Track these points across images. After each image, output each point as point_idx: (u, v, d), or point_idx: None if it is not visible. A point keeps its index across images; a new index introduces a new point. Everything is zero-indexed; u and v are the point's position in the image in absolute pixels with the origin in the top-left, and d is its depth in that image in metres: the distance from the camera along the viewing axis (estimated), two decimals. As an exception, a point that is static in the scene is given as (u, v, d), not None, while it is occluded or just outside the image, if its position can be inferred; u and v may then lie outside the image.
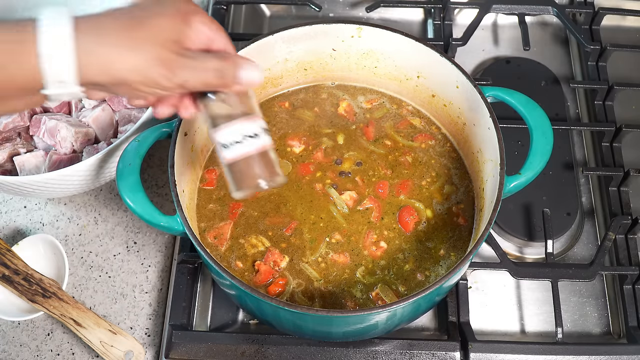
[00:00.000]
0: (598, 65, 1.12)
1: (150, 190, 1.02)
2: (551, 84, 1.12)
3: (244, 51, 0.88)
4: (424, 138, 0.94)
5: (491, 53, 1.18)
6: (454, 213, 0.88)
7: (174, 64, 0.59)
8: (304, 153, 0.93)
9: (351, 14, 1.24)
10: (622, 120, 1.07)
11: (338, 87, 0.99)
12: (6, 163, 0.95)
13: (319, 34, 0.92)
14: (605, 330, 0.93)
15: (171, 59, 0.59)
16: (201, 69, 0.61)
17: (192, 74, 0.61)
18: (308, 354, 0.85)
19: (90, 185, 0.92)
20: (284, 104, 0.98)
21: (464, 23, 1.16)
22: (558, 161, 1.03)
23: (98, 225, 0.99)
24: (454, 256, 0.85)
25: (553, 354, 0.85)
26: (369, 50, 0.94)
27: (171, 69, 0.59)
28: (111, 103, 0.97)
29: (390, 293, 0.82)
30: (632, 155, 1.05)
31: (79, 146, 0.94)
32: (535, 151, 0.82)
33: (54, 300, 0.88)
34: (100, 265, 0.96)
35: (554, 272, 0.90)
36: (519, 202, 1.00)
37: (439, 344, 0.85)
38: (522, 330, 0.93)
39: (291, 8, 1.24)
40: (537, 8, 1.14)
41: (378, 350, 0.85)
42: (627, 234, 0.96)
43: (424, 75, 0.93)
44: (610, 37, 1.16)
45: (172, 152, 0.80)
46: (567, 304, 0.94)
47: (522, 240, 0.98)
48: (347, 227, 0.87)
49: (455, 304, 0.90)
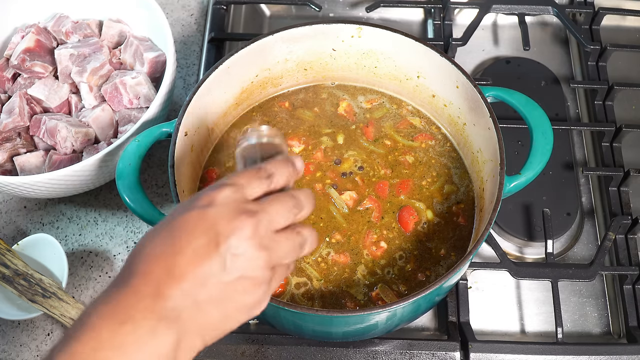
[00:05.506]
0: (598, 65, 1.12)
1: (150, 190, 1.02)
2: (551, 84, 1.12)
3: (243, 51, 0.88)
4: (424, 138, 0.94)
5: (491, 53, 1.18)
6: (454, 213, 0.88)
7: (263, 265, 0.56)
8: (304, 153, 0.93)
9: (351, 14, 1.24)
10: (622, 120, 1.07)
11: (338, 87, 0.99)
12: (6, 163, 0.95)
13: (318, 34, 0.92)
14: (605, 330, 0.93)
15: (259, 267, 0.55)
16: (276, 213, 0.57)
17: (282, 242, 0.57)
18: (308, 354, 0.85)
19: (90, 185, 0.92)
20: (284, 104, 0.98)
21: (464, 23, 1.16)
22: (558, 161, 1.03)
23: (98, 225, 0.99)
24: (454, 256, 0.85)
25: (553, 354, 0.85)
26: (369, 50, 0.94)
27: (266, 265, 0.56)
28: (111, 103, 0.97)
29: (390, 293, 0.82)
30: (632, 155, 1.05)
31: (79, 146, 0.94)
32: (535, 151, 0.82)
33: (54, 300, 0.88)
34: (100, 265, 0.96)
35: (554, 272, 0.91)
36: (519, 202, 1.00)
37: (439, 344, 0.85)
38: (522, 330, 0.93)
39: (291, 8, 1.24)
40: (537, 8, 1.14)
41: (378, 350, 0.85)
42: (627, 234, 0.96)
43: (424, 75, 0.93)
44: (610, 37, 1.16)
45: (172, 152, 0.80)
46: (567, 304, 0.94)
47: (522, 240, 0.98)
48: (347, 227, 0.87)
49: (455, 304, 0.90)
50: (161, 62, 1.00)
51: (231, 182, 0.57)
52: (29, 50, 0.99)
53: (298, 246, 0.58)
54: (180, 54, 1.16)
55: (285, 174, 0.60)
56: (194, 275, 0.53)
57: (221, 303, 0.54)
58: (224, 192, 0.56)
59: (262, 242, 0.55)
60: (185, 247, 0.53)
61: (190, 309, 0.53)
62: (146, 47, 1.00)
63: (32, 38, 1.00)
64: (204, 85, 0.86)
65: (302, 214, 0.59)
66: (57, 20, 1.03)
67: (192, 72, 1.14)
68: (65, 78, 0.99)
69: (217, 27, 1.15)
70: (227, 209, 0.54)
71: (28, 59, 0.99)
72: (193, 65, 1.15)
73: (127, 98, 0.96)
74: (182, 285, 0.52)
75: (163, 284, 0.52)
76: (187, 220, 0.54)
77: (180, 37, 1.18)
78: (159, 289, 0.52)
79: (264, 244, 0.55)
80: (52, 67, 1.01)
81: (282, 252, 0.57)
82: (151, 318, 0.51)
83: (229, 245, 0.53)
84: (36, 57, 0.99)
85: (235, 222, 0.54)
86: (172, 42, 0.96)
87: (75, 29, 1.02)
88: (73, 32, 1.02)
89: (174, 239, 0.54)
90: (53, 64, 1.01)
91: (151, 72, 1.00)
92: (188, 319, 0.53)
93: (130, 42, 1.01)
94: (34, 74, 1.00)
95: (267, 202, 0.57)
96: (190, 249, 0.53)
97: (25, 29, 1.03)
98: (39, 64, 0.99)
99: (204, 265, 0.53)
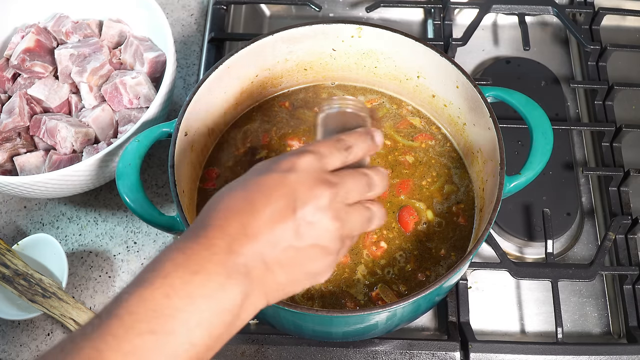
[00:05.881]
0: (598, 65, 1.12)
1: (150, 190, 1.02)
2: (551, 84, 1.12)
3: (243, 51, 0.88)
4: (424, 138, 0.94)
5: (491, 53, 1.18)
6: (454, 213, 0.88)
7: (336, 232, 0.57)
8: (304, 153, 0.93)
9: (351, 14, 1.24)
10: (622, 120, 1.07)
11: (338, 87, 0.99)
12: (6, 163, 0.95)
13: (318, 34, 0.92)
14: (605, 330, 0.93)
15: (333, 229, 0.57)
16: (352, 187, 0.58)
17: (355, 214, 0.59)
18: (308, 354, 0.85)
19: (90, 185, 0.92)
20: (284, 104, 0.98)
21: (464, 23, 1.16)
22: (558, 161, 1.03)
23: (98, 225, 0.99)
24: (454, 256, 0.85)
25: (553, 354, 0.85)
26: (369, 50, 0.94)
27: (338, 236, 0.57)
28: (111, 103, 0.97)
29: (390, 293, 0.82)
30: (632, 155, 1.05)
31: (79, 146, 0.94)
32: (535, 151, 0.82)
33: (54, 300, 0.88)
34: (100, 265, 0.96)
35: (554, 272, 0.91)
36: (519, 202, 1.00)
37: (439, 344, 0.85)
38: (522, 330, 0.93)
39: (291, 8, 1.24)
40: (537, 8, 1.14)
41: (378, 350, 0.85)
42: (627, 234, 0.96)
43: (424, 75, 0.93)
44: (610, 37, 1.16)
45: (172, 152, 0.80)
46: (567, 304, 0.94)
47: (522, 240, 0.98)
48: (347, 227, 0.86)
49: (455, 304, 0.90)
50: (161, 62, 1.00)
51: (313, 150, 0.58)
52: (29, 50, 0.99)
53: (367, 220, 0.60)
54: (180, 54, 1.16)
55: (364, 148, 0.61)
56: (268, 237, 0.54)
57: (290, 267, 0.55)
58: (306, 158, 0.57)
59: (337, 213, 0.56)
60: (263, 208, 0.54)
61: (260, 269, 0.54)
62: (146, 47, 1.00)
63: (32, 38, 1.00)
64: (204, 85, 0.86)
65: (374, 193, 0.60)
66: (57, 20, 1.03)
67: (192, 72, 1.14)
68: (65, 78, 0.99)
69: (217, 27, 1.15)
70: (307, 176, 0.56)
71: (28, 59, 0.99)
72: (193, 65, 1.15)
73: (127, 98, 0.96)
74: (255, 244, 0.53)
75: (237, 240, 0.53)
76: (267, 182, 0.55)
77: (180, 37, 1.18)
78: (233, 245, 0.53)
79: (339, 215, 0.56)
80: (52, 67, 1.01)
81: (353, 224, 0.58)
82: (222, 273, 0.52)
83: (305, 212, 0.54)
84: (36, 57, 0.99)
85: (315, 191, 0.55)
86: (172, 42, 0.96)
87: (75, 29, 1.02)
88: (73, 32, 1.02)
89: (252, 198, 0.55)
90: (53, 64, 1.01)
91: (151, 72, 1.00)
92: (256, 278, 0.54)
93: (130, 42, 1.01)
94: (34, 74, 1.00)
95: (344, 175, 0.58)
96: (267, 210, 0.54)
97: (25, 29, 1.03)
98: (39, 64, 1.00)
99: (278, 228, 0.54)
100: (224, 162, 0.92)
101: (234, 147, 0.94)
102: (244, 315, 0.55)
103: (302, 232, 0.55)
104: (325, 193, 0.55)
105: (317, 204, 0.55)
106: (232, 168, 0.92)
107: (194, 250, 0.53)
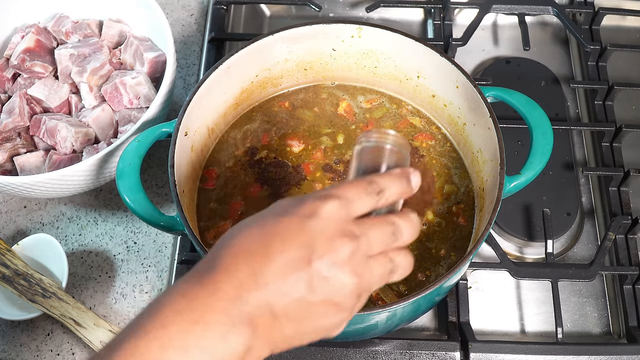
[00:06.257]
0: (598, 65, 1.12)
1: (150, 190, 1.02)
2: (551, 84, 1.12)
3: (243, 51, 0.88)
4: (424, 138, 0.94)
5: (491, 53, 1.18)
6: (454, 213, 0.88)
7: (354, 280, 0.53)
8: (304, 153, 0.93)
9: (351, 14, 1.24)
10: (622, 120, 1.07)
11: (338, 87, 0.99)
12: (6, 163, 0.95)
13: (319, 34, 0.92)
14: (605, 330, 0.93)
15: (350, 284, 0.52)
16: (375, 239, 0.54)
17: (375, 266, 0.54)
18: (308, 354, 0.85)
19: (90, 185, 0.92)
20: (284, 104, 0.98)
21: (464, 23, 1.16)
22: (558, 161, 1.03)
23: (98, 225, 0.99)
24: (454, 256, 0.85)
25: (553, 354, 0.85)
26: (369, 50, 0.94)
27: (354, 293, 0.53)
28: (111, 103, 0.97)
29: (390, 293, 0.81)
30: (632, 155, 1.05)
31: (79, 146, 0.94)
32: (535, 151, 0.82)
33: (54, 300, 0.88)
34: (100, 265, 0.96)
35: (554, 272, 0.91)
36: (519, 202, 1.00)
37: (439, 344, 0.85)
38: (522, 330, 0.93)
39: (291, 8, 1.24)
40: (537, 8, 1.14)
41: (378, 350, 0.85)
42: (627, 234, 0.96)
43: (424, 75, 0.93)
44: (610, 37, 1.16)
45: (172, 152, 0.80)
46: (567, 304, 0.94)
47: (522, 240, 0.98)
48: (347, 227, 0.86)
49: (455, 304, 0.90)
50: (161, 62, 1.00)
51: (339, 195, 0.54)
52: (29, 50, 0.99)
53: (388, 273, 0.56)
54: (180, 54, 1.16)
55: (397, 192, 0.57)
56: (279, 287, 0.50)
57: (299, 321, 0.52)
58: (330, 204, 0.53)
59: (356, 268, 0.52)
60: (277, 255, 0.51)
61: (266, 319, 0.51)
62: (146, 47, 1.00)
63: (32, 38, 1.00)
64: (204, 85, 0.86)
65: (400, 243, 0.56)
66: (57, 20, 1.03)
67: (192, 72, 1.14)
68: (65, 78, 0.99)
69: (217, 27, 1.15)
70: (328, 226, 0.52)
71: (28, 59, 0.99)
72: (193, 65, 1.15)
73: (127, 98, 0.96)
74: (264, 292, 0.50)
75: (246, 287, 0.50)
76: (286, 227, 0.52)
77: (180, 37, 1.18)
78: (240, 292, 0.50)
79: (357, 271, 0.52)
80: (52, 67, 1.01)
81: (373, 279, 0.54)
82: (225, 322, 0.49)
83: (321, 265, 0.51)
84: (36, 57, 0.99)
85: (334, 243, 0.52)
86: (172, 42, 0.96)
87: (75, 29, 1.02)
88: (73, 32, 1.02)
89: (267, 242, 0.51)
90: (53, 64, 1.01)
91: (151, 72, 1.00)
92: (261, 328, 0.51)
93: (130, 42, 1.01)
94: (34, 74, 1.00)
95: (369, 225, 0.54)
96: (281, 258, 0.51)
97: (25, 29, 1.03)
98: (39, 64, 0.99)
99: (291, 278, 0.51)
100: (224, 162, 0.92)
101: (234, 147, 0.94)
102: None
103: (315, 285, 0.51)
104: (345, 247, 0.52)
105: (335, 258, 0.51)
106: (232, 168, 0.92)
107: (197, 296, 0.50)
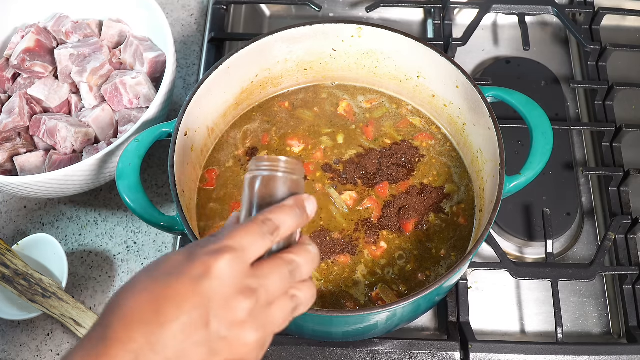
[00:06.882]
0: (598, 65, 1.12)
1: (150, 190, 1.02)
2: (551, 84, 1.12)
3: (243, 51, 0.88)
4: (424, 137, 0.94)
5: (491, 53, 1.18)
6: (454, 213, 0.88)
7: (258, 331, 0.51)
8: (304, 153, 0.93)
9: (351, 14, 1.24)
10: (622, 120, 1.07)
11: (338, 87, 0.99)
12: (6, 163, 0.95)
13: (319, 34, 0.92)
14: (605, 330, 0.93)
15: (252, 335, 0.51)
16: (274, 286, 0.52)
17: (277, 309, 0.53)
18: (308, 354, 0.85)
19: (90, 185, 0.92)
20: (284, 104, 0.98)
21: (464, 23, 1.16)
22: (558, 161, 1.03)
23: (98, 225, 0.99)
24: (454, 256, 0.85)
25: (553, 354, 0.85)
26: (369, 50, 0.94)
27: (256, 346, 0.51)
28: (111, 103, 0.97)
29: (390, 293, 0.82)
30: (632, 155, 1.05)
31: (79, 146, 0.94)
32: (535, 151, 0.82)
33: (54, 300, 0.88)
34: (100, 265, 0.96)
35: (554, 272, 0.91)
36: (519, 202, 1.00)
37: (439, 344, 0.85)
38: (522, 330, 0.93)
39: (291, 8, 1.24)
40: (537, 8, 1.14)
41: (378, 350, 0.85)
42: (627, 234, 0.96)
43: (424, 75, 0.93)
44: (610, 37, 1.16)
45: (172, 152, 0.80)
46: (567, 304, 0.94)
47: (522, 240, 0.98)
48: (347, 227, 0.87)
49: (455, 304, 0.90)
50: (161, 62, 1.00)
51: (232, 246, 0.51)
52: (29, 50, 0.99)
53: (290, 312, 0.54)
54: (180, 54, 1.16)
55: (293, 225, 0.55)
56: (178, 355, 0.48)
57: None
58: (223, 261, 0.50)
59: (256, 322, 0.51)
60: (172, 321, 0.48)
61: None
62: (146, 47, 1.00)
63: (32, 38, 1.00)
64: (204, 85, 0.86)
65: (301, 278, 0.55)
66: (57, 20, 1.03)
67: (192, 72, 1.14)
68: (65, 78, 0.99)
69: (217, 27, 1.15)
70: (223, 285, 0.50)
71: (28, 59, 0.99)
72: (193, 65, 1.15)
73: (127, 98, 0.96)
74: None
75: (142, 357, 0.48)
76: (178, 289, 0.49)
77: (180, 37, 1.18)
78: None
79: (258, 324, 0.51)
80: (52, 67, 1.01)
81: (275, 325, 0.53)
82: None
83: (219, 327, 0.49)
84: (36, 57, 0.99)
85: (231, 303, 0.50)
86: (172, 42, 0.96)
87: (75, 29, 1.02)
88: (73, 32, 1.02)
89: (159, 308, 0.49)
90: (53, 64, 1.01)
91: (151, 72, 1.00)
92: None
93: (130, 42, 1.01)
94: (34, 74, 1.00)
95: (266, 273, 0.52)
96: (177, 324, 0.48)
97: (25, 29, 1.03)
98: (39, 64, 1.00)
99: (189, 344, 0.49)
100: (223, 162, 0.92)
101: (233, 147, 0.94)
102: None
103: (216, 347, 0.49)
104: (242, 305, 0.50)
105: (233, 317, 0.49)
106: (232, 168, 0.92)
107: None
